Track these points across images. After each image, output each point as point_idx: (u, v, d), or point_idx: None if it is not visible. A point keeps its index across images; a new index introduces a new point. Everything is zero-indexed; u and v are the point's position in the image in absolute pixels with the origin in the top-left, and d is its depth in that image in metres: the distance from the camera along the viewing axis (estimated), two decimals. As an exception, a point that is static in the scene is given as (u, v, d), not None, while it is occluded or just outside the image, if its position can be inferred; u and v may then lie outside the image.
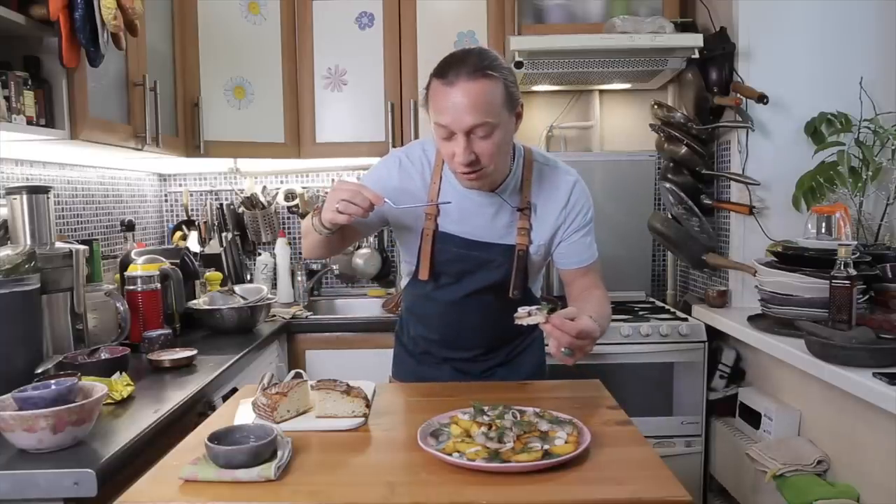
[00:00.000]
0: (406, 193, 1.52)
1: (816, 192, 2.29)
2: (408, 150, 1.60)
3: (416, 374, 1.72)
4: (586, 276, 1.57)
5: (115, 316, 1.92)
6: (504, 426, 1.13)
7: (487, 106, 1.34)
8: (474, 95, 1.33)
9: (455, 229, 1.53)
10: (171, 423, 1.44)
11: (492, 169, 1.42)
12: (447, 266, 1.55)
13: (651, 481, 1.02)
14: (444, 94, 1.35)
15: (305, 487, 1.03)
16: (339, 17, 2.78)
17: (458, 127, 1.34)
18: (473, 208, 1.52)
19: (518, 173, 1.53)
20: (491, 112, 1.35)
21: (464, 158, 1.36)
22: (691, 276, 2.92)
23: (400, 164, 1.56)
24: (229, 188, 3.16)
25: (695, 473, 2.45)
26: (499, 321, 1.57)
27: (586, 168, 2.91)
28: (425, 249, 1.54)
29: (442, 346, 1.67)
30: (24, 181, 2.13)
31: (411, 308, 1.71)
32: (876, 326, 1.83)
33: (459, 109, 1.33)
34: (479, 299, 1.58)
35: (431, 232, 1.53)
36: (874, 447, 1.67)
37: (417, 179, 1.54)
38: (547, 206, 1.54)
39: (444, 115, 1.36)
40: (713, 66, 2.49)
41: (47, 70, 1.77)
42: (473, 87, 1.33)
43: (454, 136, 1.36)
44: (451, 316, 1.61)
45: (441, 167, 1.53)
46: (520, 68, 2.51)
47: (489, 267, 1.53)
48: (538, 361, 1.74)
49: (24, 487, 1.13)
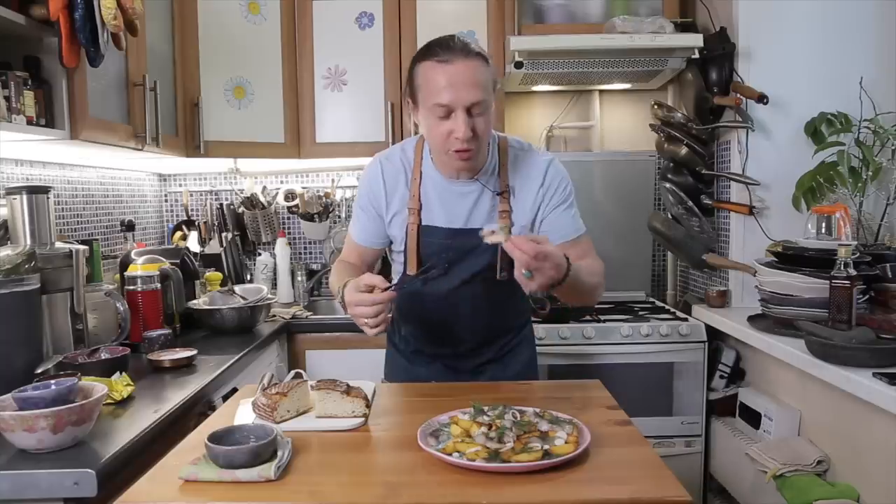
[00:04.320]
0: (393, 195, 1.58)
1: (816, 192, 2.29)
2: (388, 153, 1.64)
3: (407, 373, 1.72)
4: (575, 249, 1.53)
5: (115, 316, 1.92)
6: (504, 426, 1.13)
7: (484, 83, 1.39)
8: (472, 72, 1.38)
9: (439, 221, 1.56)
10: (171, 423, 1.44)
11: (482, 148, 1.46)
12: (434, 258, 1.56)
13: (651, 481, 1.02)
14: (441, 71, 1.38)
15: (305, 487, 1.03)
16: (339, 17, 2.78)
17: (459, 103, 1.37)
18: (455, 199, 1.55)
19: (495, 158, 1.57)
20: (486, 90, 1.40)
21: (465, 134, 1.38)
22: (691, 276, 2.92)
23: (382, 167, 1.61)
24: (229, 188, 3.16)
25: (695, 473, 2.45)
26: (489, 313, 1.61)
27: (586, 168, 2.95)
28: (411, 245, 1.57)
29: (434, 343, 1.68)
30: (24, 181, 2.13)
31: (402, 307, 1.71)
32: (876, 326, 1.83)
33: (459, 86, 1.36)
34: (468, 290, 1.59)
35: (416, 227, 1.56)
36: (874, 447, 1.67)
37: (400, 179, 1.59)
38: (525, 188, 1.56)
39: (443, 94, 1.38)
40: (713, 66, 2.49)
41: (47, 70, 1.77)
42: (470, 64, 1.38)
43: (452, 115, 1.39)
44: (442, 310, 1.62)
45: (420, 164, 1.57)
46: (520, 68, 2.51)
47: (475, 253, 1.54)
48: (529, 359, 1.75)
49: (24, 487, 1.13)
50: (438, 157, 1.53)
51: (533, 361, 1.77)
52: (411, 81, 1.47)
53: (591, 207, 2.93)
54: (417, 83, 1.45)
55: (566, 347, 2.39)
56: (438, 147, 1.47)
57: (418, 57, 1.45)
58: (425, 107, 1.43)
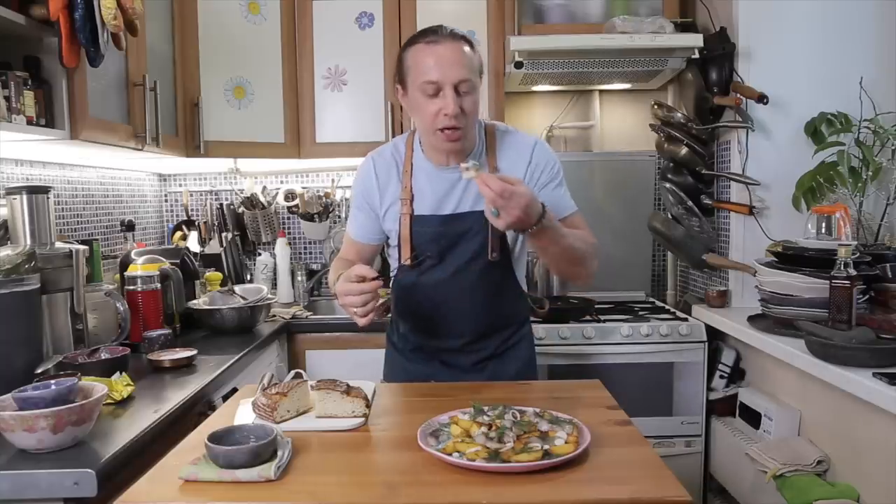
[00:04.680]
0: (386, 189, 1.63)
1: (816, 192, 2.29)
2: (380, 150, 1.69)
3: (406, 371, 1.73)
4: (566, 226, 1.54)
5: (115, 316, 1.92)
6: (504, 426, 1.13)
7: (470, 64, 1.47)
8: (459, 52, 1.46)
9: (430, 209, 1.60)
10: (171, 423, 1.44)
11: (470, 129, 1.50)
12: (429, 246, 1.59)
13: (651, 481, 1.02)
14: (430, 51, 1.46)
15: (305, 487, 1.03)
16: (339, 17, 2.78)
17: (447, 80, 1.43)
18: (446, 186, 1.59)
19: (482, 141, 1.61)
20: (473, 71, 1.48)
21: (453, 109, 1.43)
22: (691, 276, 2.92)
23: (374, 164, 1.66)
24: (229, 188, 3.16)
25: (695, 473, 2.45)
26: (485, 303, 1.63)
27: (586, 168, 2.95)
28: (404, 234, 1.60)
29: (432, 337, 1.69)
30: (24, 181, 2.13)
31: (399, 303, 1.73)
32: (876, 326, 1.83)
33: (447, 63, 1.44)
34: (463, 279, 1.61)
35: (408, 217, 1.60)
36: (874, 447, 1.67)
37: (392, 173, 1.63)
38: (512, 168, 1.59)
39: (431, 72, 1.45)
40: (713, 66, 2.49)
41: (47, 70, 1.77)
42: (458, 45, 1.47)
43: (441, 93, 1.45)
44: (438, 301, 1.64)
45: (411, 157, 1.62)
46: (520, 68, 2.51)
47: (467, 237, 1.58)
48: (528, 358, 1.76)
49: (24, 487, 1.13)
50: (427, 139, 1.56)
51: (532, 361, 1.77)
52: (400, 67, 1.53)
53: (591, 207, 2.93)
54: (407, 66, 1.50)
55: (566, 347, 2.39)
56: (427, 127, 1.50)
57: (407, 43, 1.52)
58: (414, 87, 1.48)
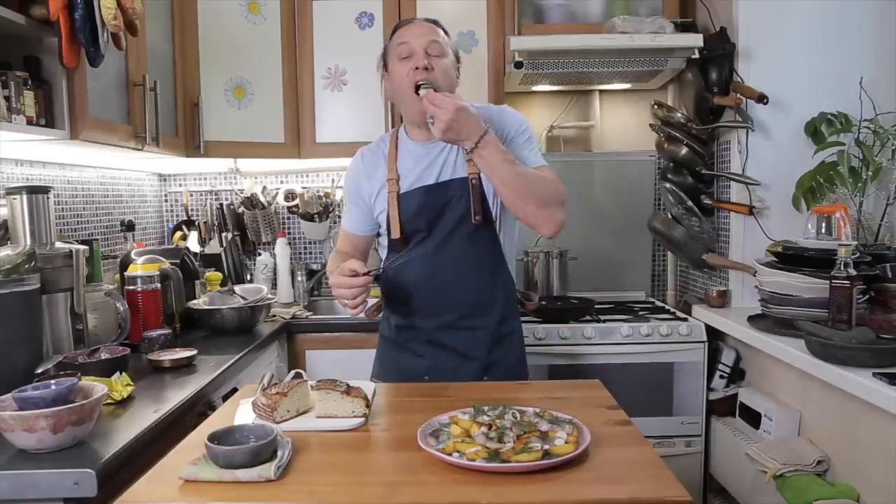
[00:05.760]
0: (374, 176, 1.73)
1: (816, 192, 2.29)
2: (368, 146, 1.82)
3: (398, 367, 1.74)
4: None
5: (115, 316, 1.92)
6: (504, 426, 1.13)
7: (440, 36, 1.67)
8: (430, 27, 1.67)
9: (416, 184, 1.68)
10: (171, 423, 1.44)
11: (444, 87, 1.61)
12: (416, 219, 1.67)
13: (651, 481, 1.02)
14: (406, 28, 1.67)
15: (305, 487, 1.03)
16: (339, 17, 2.78)
17: (417, 42, 1.62)
18: (429, 160, 1.69)
19: None
20: (444, 42, 1.66)
21: (420, 61, 1.60)
22: (691, 276, 2.92)
23: (362, 157, 1.79)
24: (229, 188, 3.16)
25: (695, 473, 2.45)
26: (473, 273, 1.69)
27: (586, 168, 2.96)
28: (393, 214, 1.68)
29: (425, 316, 1.70)
30: (24, 181, 2.13)
31: (391, 288, 1.75)
32: (876, 326, 1.83)
33: (417, 31, 1.65)
34: (452, 244, 1.67)
35: (395, 195, 1.69)
36: (874, 447, 1.67)
37: (379, 161, 1.75)
38: None
39: (403, 38, 1.65)
40: (713, 66, 2.49)
41: (47, 70, 1.77)
42: (429, 24, 1.69)
43: (413, 55, 1.62)
44: (429, 273, 1.68)
45: (396, 142, 1.74)
46: (520, 68, 2.51)
47: (451, 204, 1.66)
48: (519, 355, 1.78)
49: (24, 487, 1.13)
50: (408, 111, 1.68)
51: (523, 361, 1.79)
52: (384, 54, 1.71)
53: (591, 207, 2.94)
54: (388, 49, 1.69)
55: (566, 347, 2.39)
56: (405, 92, 1.62)
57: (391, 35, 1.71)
58: (392, 59, 1.66)
